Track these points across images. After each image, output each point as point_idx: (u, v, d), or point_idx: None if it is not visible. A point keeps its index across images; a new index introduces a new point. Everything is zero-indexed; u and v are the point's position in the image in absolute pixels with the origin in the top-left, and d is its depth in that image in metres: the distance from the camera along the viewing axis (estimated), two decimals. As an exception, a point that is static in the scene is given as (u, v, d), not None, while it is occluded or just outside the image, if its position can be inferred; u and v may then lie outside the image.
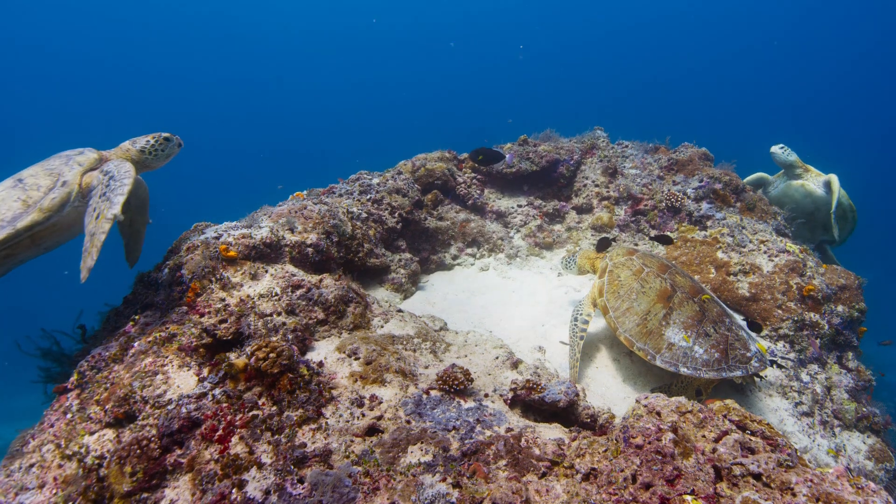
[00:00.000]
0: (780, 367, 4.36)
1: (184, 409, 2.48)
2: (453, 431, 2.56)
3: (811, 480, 1.98)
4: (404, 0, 55.12)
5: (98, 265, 2.94)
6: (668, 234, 6.38)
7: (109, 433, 2.55)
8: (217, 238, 3.79)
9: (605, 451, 2.33)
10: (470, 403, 2.85)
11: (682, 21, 54.98)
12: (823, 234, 7.28)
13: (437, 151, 7.34)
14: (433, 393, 2.87)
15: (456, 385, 2.88)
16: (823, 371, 4.84)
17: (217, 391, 2.57)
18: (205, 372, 2.77)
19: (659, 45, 57.45)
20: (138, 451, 2.34)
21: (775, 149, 6.99)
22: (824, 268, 5.48)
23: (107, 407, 2.62)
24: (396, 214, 5.97)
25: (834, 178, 6.71)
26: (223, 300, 3.27)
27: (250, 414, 2.47)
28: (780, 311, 4.97)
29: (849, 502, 1.86)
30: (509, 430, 2.63)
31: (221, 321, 3.06)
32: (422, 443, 2.44)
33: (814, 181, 6.94)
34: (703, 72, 57.01)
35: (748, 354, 3.75)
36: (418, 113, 56.84)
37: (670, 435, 2.23)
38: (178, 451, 2.39)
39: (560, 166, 7.35)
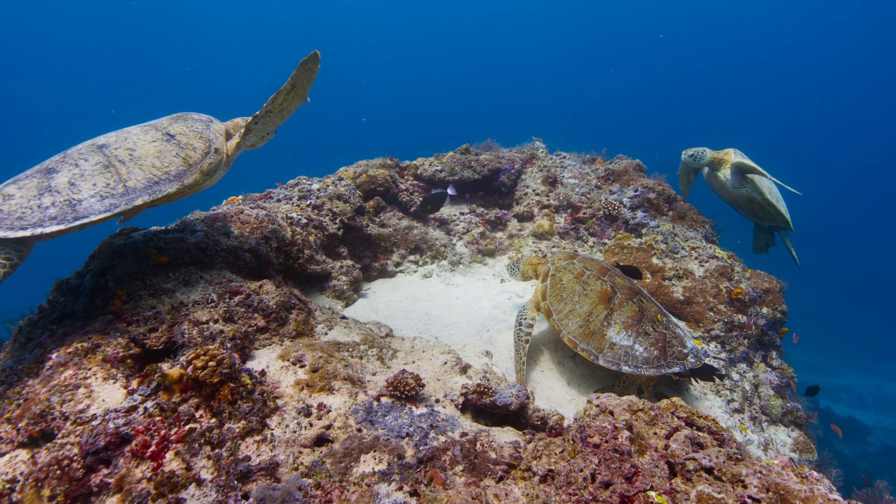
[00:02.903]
0: (719, 377, 4.46)
1: (111, 425, 2.25)
2: (407, 438, 2.46)
3: (760, 472, 2.03)
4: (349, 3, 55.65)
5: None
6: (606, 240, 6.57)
7: (23, 454, 2.27)
8: (146, 242, 3.53)
9: (562, 451, 2.31)
10: (422, 409, 2.77)
11: (618, 41, 58.32)
12: (761, 221, 7.02)
13: (379, 158, 7.28)
14: (384, 399, 2.77)
15: (407, 391, 2.79)
16: (751, 369, 5.09)
17: (149, 404, 2.36)
18: (134, 384, 2.53)
19: (597, 63, 60.55)
20: (58, 471, 2.10)
21: (685, 157, 6.64)
22: (750, 272, 5.79)
23: (20, 425, 2.35)
24: (338, 220, 5.81)
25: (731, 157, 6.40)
26: (154, 307, 3.02)
27: (187, 427, 2.28)
28: (711, 314, 5.19)
29: (796, 491, 1.92)
30: (464, 434, 2.57)
31: (151, 329, 2.83)
32: (375, 451, 2.33)
33: (724, 172, 6.49)
34: (635, 87, 60.52)
35: (685, 351, 3.88)
36: (360, 119, 57.29)
37: (626, 433, 2.24)
38: (105, 471, 2.16)
39: (501, 175, 7.43)
